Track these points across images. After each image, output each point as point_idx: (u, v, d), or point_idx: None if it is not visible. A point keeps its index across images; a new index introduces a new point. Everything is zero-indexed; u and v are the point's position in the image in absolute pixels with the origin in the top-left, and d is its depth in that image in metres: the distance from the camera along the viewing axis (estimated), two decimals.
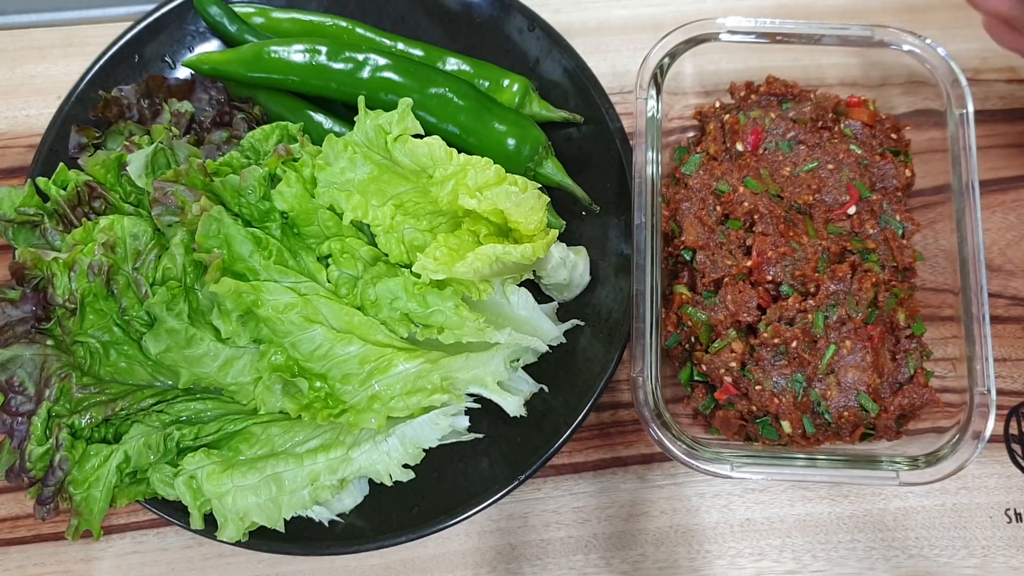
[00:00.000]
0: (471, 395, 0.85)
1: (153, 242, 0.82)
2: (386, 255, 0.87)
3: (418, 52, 0.98)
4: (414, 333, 0.85)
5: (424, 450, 0.84)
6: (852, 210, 0.89)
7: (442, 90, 0.91)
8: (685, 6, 1.10)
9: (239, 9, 1.00)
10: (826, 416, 0.83)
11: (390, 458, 0.82)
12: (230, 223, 0.81)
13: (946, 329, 0.87)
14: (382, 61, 0.92)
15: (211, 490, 0.80)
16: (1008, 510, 0.91)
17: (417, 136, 0.86)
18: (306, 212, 0.85)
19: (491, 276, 0.85)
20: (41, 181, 0.87)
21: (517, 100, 0.95)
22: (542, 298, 0.91)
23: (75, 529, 0.80)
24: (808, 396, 0.83)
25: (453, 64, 0.97)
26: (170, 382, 0.84)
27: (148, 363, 0.83)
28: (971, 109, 0.88)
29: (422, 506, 0.86)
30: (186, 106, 0.94)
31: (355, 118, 0.87)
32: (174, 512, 0.84)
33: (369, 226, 0.86)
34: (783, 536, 0.90)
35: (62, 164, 0.88)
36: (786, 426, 0.83)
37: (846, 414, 0.83)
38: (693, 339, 0.87)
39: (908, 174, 0.92)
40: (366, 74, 0.92)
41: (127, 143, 0.89)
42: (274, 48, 0.93)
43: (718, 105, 0.99)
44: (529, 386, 0.88)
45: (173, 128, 0.91)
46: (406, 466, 0.83)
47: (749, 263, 0.85)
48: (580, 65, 0.97)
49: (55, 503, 0.79)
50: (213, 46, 1.01)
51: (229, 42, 1.00)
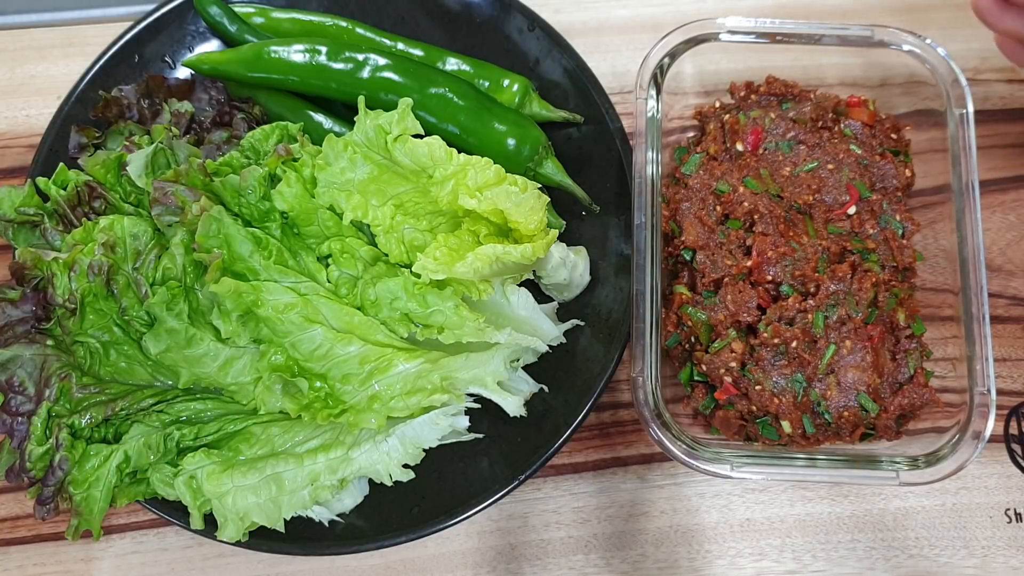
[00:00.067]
0: (471, 395, 0.85)
1: (153, 242, 0.82)
2: (386, 255, 0.87)
3: (418, 52, 0.98)
4: (414, 333, 0.85)
5: (424, 450, 0.84)
6: (852, 210, 0.89)
7: (442, 90, 0.91)
8: (685, 6, 1.10)
9: (239, 9, 1.00)
10: (826, 416, 0.83)
11: (390, 458, 0.82)
12: (230, 223, 0.81)
13: (946, 329, 0.87)
14: (382, 61, 0.92)
15: (211, 490, 0.80)
16: (1008, 510, 0.91)
17: (417, 136, 0.86)
18: (306, 212, 0.85)
19: (491, 276, 0.85)
20: (41, 181, 0.87)
21: (517, 100, 0.95)
22: (542, 298, 0.91)
23: (75, 529, 0.80)
24: (808, 396, 0.83)
25: (453, 64, 0.97)
26: (170, 382, 0.84)
27: (148, 363, 0.83)
28: (971, 109, 0.88)
29: (422, 506, 0.86)
30: (186, 106, 0.94)
31: (355, 118, 0.87)
32: (174, 512, 0.84)
33: (369, 226, 0.86)
34: (783, 536, 0.90)
35: (62, 164, 0.88)
36: (786, 426, 0.83)
37: (846, 414, 0.83)
38: (693, 339, 0.87)
39: (908, 174, 0.92)
40: (366, 74, 0.92)
41: (127, 143, 0.89)
42: (274, 48, 0.93)
43: (718, 105, 0.99)
44: (529, 386, 0.88)
45: (173, 128, 0.91)
46: (406, 466, 0.83)
47: (749, 263, 0.85)
48: (580, 65, 0.97)
49: (55, 503, 0.79)
50: (213, 46, 1.01)
51: (229, 42, 1.00)
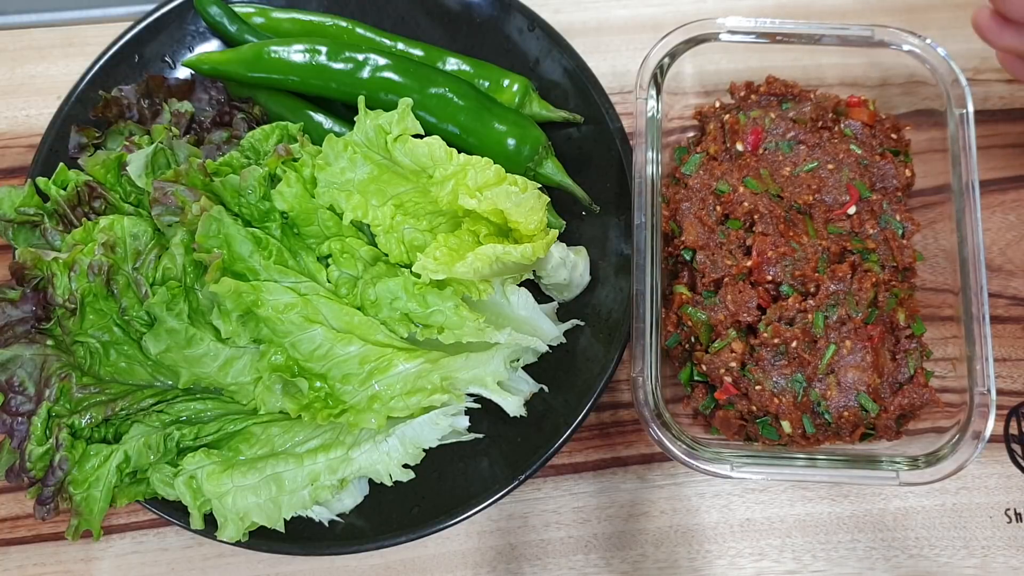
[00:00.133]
0: (471, 395, 0.85)
1: (153, 242, 0.82)
2: (386, 255, 0.87)
3: (418, 52, 0.98)
4: (414, 333, 0.85)
5: (424, 450, 0.84)
6: (852, 210, 0.89)
7: (442, 90, 0.91)
8: (685, 6, 1.10)
9: (239, 9, 1.00)
10: (826, 416, 0.83)
11: (390, 458, 0.82)
12: (230, 223, 0.81)
13: (946, 329, 0.87)
14: (382, 61, 0.92)
15: (211, 490, 0.80)
16: (1008, 510, 0.91)
17: (417, 136, 0.86)
18: (306, 212, 0.85)
19: (491, 276, 0.85)
20: (41, 181, 0.87)
21: (517, 100, 0.95)
22: (542, 298, 0.91)
23: (75, 529, 0.80)
24: (808, 396, 0.83)
25: (453, 64, 0.97)
26: (170, 382, 0.84)
27: (148, 363, 0.83)
28: (971, 109, 0.88)
29: (422, 506, 0.86)
30: (186, 106, 0.94)
31: (355, 118, 0.87)
32: (174, 512, 0.84)
33: (369, 226, 0.86)
34: (783, 536, 0.90)
35: (62, 164, 0.88)
36: (786, 426, 0.83)
37: (846, 414, 0.83)
38: (693, 339, 0.87)
39: (908, 174, 0.92)
40: (366, 74, 0.92)
41: (127, 143, 0.89)
42: (274, 48, 0.93)
43: (718, 105, 0.99)
44: (529, 386, 0.88)
45: (173, 128, 0.91)
46: (406, 466, 0.83)
47: (749, 263, 0.85)
48: (580, 65, 0.97)
49: (55, 503, 0.79)
50: (213, 46, 1.01)
51: (229, 42, 1.00)
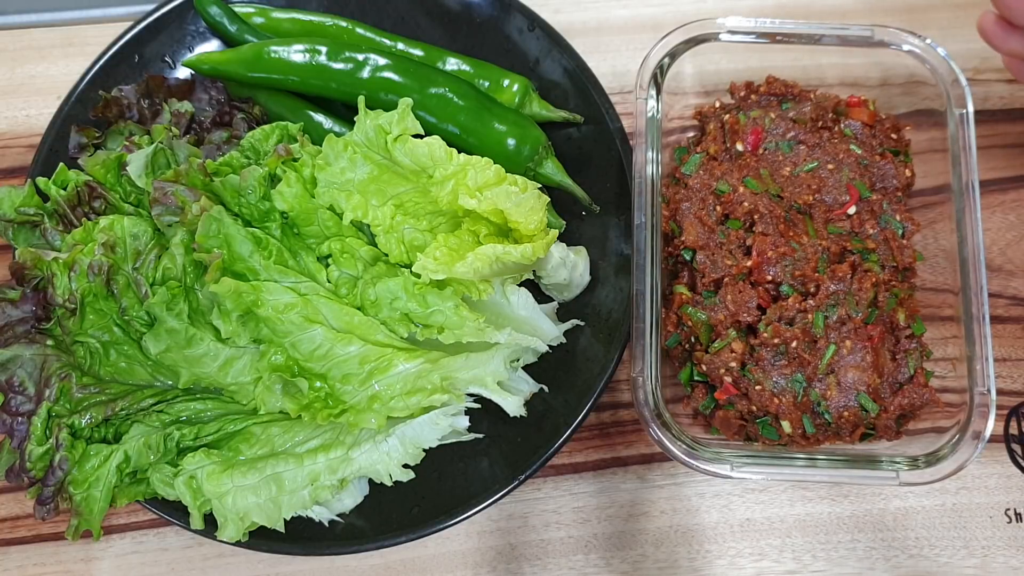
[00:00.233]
0: (471, 395, 0.85)
1: (153, 242, 0.82)
2: (386, 255, 0.87)
3: (418, 52, 0.98)
4: (414, 333, 0.85)
5: (424, 450, 0.84)
6: (852, 210, 0.89)
7: (442, 90, 0.91)
8: (685, 6, 1.10)
9: (239, 9, 1.00)
10: (826, 416, 0.83)
11: (390, 458, 0.82)
12: (230, 223, 0.81)
13: (946, 329, 0.87)
14: (382, 61, 0.92)
15: (211, 490, 0.80)
16: (1008, 510, 0.91)
17: (417, 136, 0.86)
18: (306, 212, 0.85)
19: (491, 276, 0.85)
20: (41, 181, 0.87)
21: (517, 100, 0.95)
22: (542, 298, 0.91)
23: (75, 529, 0.80)
24: (808, 396, 0.83)
25: (453, 64, 0.97)
26: (170, 382, 0.84)
27: (148, 363, 0.83)
28: (971, 109, 0.88)
29: (422, 506, 0.86)
30: (186, 106, 0.94)
31: (355, 118, 0.87)
32: (174, 512, 0.84)
33: (369, 226, 0.86)
34: (783, 536, 0.90)
35: (62, 164, 0.88)
36: (786, 426, 0.83)
37: (846, 414, 0.83)
38: (693, 339, 0.87)
39: (908, 174, 0.92)
40: (366, 74, 0.92)
41: (127, 143, 0.89)
42: (274, 48, 0.93)
43: (718, 105, 0.99)
44: (529, 386, 0.88)
45: (173, 128, 0.91)
46: (406, 466, 0.83)
47: (749, 263, 0.85)
48: (580, 65, 0.97)
49: (55, 503, 0.79)
50: (213, 46, 1.01)
51: (229, 42, 1.00)
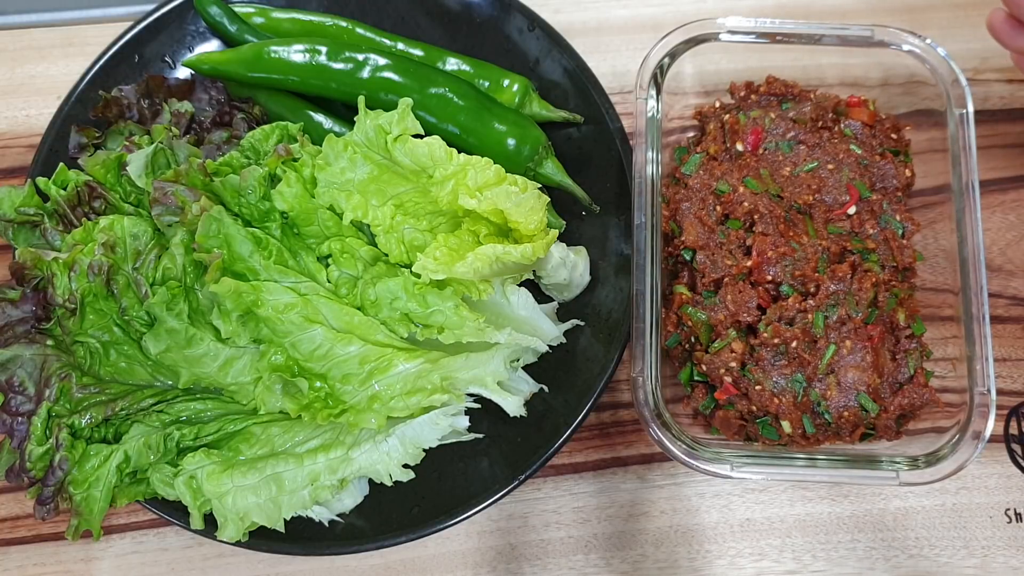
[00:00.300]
0: (471, 395, 0.85)
1: (153, 242, 0.82)
2: (386, 255, 0.87)
3: (418, 52, 0.98)
4: (414, 333, 0.85)
5: (424, 450, 0.84)
6: (852, 210, 0.89)
7: (442, 90, 0.91)
8: (685, 6, 1.10)
9: (239, 9, 1.00)
10: (826, 416, 0.83)
11: (390, 458, 0.82)
12: (230, 223, 0.81)
13: (946, 329, 0.87)
14: (382, 61, 0.92)
15: (211, 490, 0.80)
16: (1008, 510, 0.91)
17: (417, 136, 0.86)
18: (306, 212, 0.85)
19: (491, 276, 0.85)
20: (41, 181, 0.87)
21: (517, 100, 0.95)
22: (542, 298, 0.91)
23: (75, 529, 0.80)
24: (808, 396, 0.83)
25: (453, 64, 0.97)
26: (170, 382, 0.84)
27: (148, 363, 0.83)
28: (971, 109, 0.88)
29: (422, 506, 0.86)
30: (186, 106, 0.94)
31: (355, 118, 0.87)
32: (174, 512, 0.84)
33: (369, 226, 0.86)
34: (783, 536, 0.90)
35: (62, 164, 0.88)
36: (786, 426, 0.83)
37: (846, 414, 0.83)
38: (693, 339, 0.87)
39: (908, 174, 0.92)
40: (366, 74, 0.92)
41: (127, 143, 0.89)
42: (274, 48, 0.93)
43: (718, 105, 0.99)
44: (529, 386, 0.88)
45: (173, 128, 0.91)
46: (406, 466, 0.83)
47: (749, 263, 0.85)
48: (580, 65, 0.97)
49: (55, 503, 0.79)
50: (213, 46, 1.01)
51: (229, 42, 1.00)
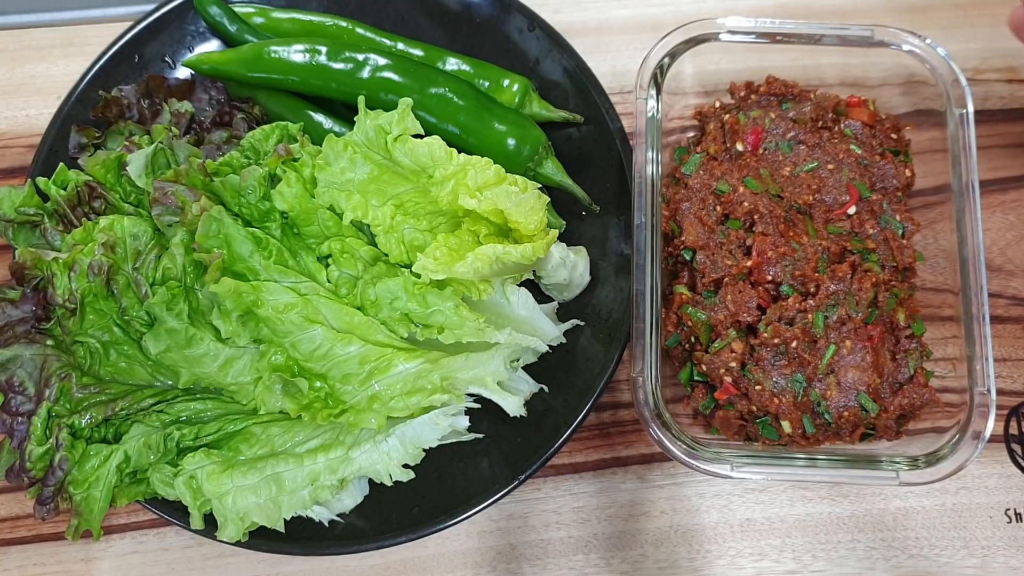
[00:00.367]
0: (471, 395, 0.85)
1: (153, 242, 0.82)
2: (386, 255, 0.87)
3: (418, 52, 0.98)
4: (414, 333, 0.85)
5: (424, 450, 0.84)
6: (852, 210, 0.89)
7: (442, 90, 0.91)
8: (685, 6, 1.10)
9: (239, 9, 1.00)
10: (826, 416, 0.83)
11: (390, 458, 0.82)
12: (230, 223, 0.81)
13: (946, 329, 0.87)
14: (382, 61, 0.92)
15: (211, 490, 0.80)
16: (1008, 510, 0.91)
17: (417, 136, 0.86)
18: (306, 212, 0.85)
19: (491, 276, 0.85)
20: (41, 181, 0.87)
21: (517, 100, 0.95)
22: (542, 298, 0.91)
23: (75, 529, 0.80)
24: (808, 396, 0.83)
25: (453, 64, 0.97)
26: (170, 382, 0.84)
27: (148, 363, 0.83)
28: (971, 109, 0.88)
29: (422, 506, 0.86)
30: (186, 106, 0.94)
31: (355, 118, 0.87)
32: (174, 512, 0.84)
33: (369, 226, 0.86)
34: (783, 536, 0.90)
35: (62, 164, 0.88)
36: (786, 426, 0.83)
37: (846, 414, 0.83)
38: (693, 339, 0.87)
39: (908, 174, 0.92)
40: (366, 74, 0.92)
41: (127, 143, 0.89)
42: (274, 48, 0.93)
43: (718, 105, 0.99)
44: (529, 386, 0.88)
45: (173, 128, 0.91)
46: (406, 466, 0.83)
47: (749, 263, 0.85)
48: (580, 65, 0.97)
49: (55, 503, 0.79)
50: (213, 46, 1.01)
51: (229, 42, 1.00)
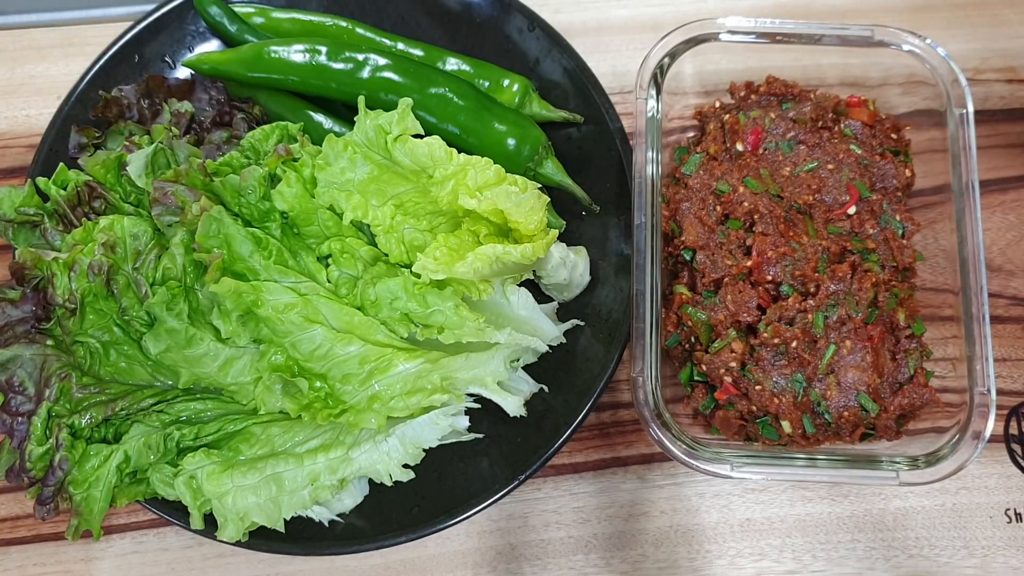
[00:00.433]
0: (471, 395, 0.85)
1: (153, 242, 0.82)
2: (386, 255, 0.87)
3: (418, 52, 0.98)
4: (414, 333, 0.85)
5: (424, 450, 0.84)
6: (852, 210, 0.89)
7: (442, 90, 0.91)
8: (685, 6, 1.10)
9: (239, 9, 1.00)
10: (826, 416, 0.83)
11: (390, 458, 0.82)
12: (230, 223, 0.81)
13: (946, 329, 0.87)
14: (382, 61, 0.92)
15: (211, 490, 0.80)
16: (1008, 510, 0.91)
17: (417, 136, 0.86)
18: (306, 212, 0.85)
19: (491, 276, 0.85)
20: (41, 181, 0.87)
21: (517, 100, 0.95)
22: (542, 298, 0.91)
23: (75, 529, 0.80)
24: (808, 396, 0.83)
25: (453, 64, 0.97)
26: (170, 382, 0.84)
27: (148, 363, 0.83)
28: (971, 109, 0.88)
29: (422, 506, 0.86)
30: (186, 106, 0.94)
31: (355, 118, 0.87)
32: (174, 512, 0.84)
33: (369, 226, 0.86)
34: (783, 536, 0.90)
35: (62, 164, 0.88)
36: (786, 426, 0.83)
37: (846, 414, 0.83)
38: (693, 339, 0.87)
39: (908, 174, 0.92)
40: (366, 74, 0.92)
41: (127, 143, 0.89)
42: (274, 48, 0.93)
43: (718, 105, 0.99)
44: (529, 386, 0.88)
45: (173, 128, 0.91)
46: (406, 466, 0.83)
47: (749, 263, 0.85)
48: (580, 65, 0.97)
49: (55, 503, 0.79)
50: (213, 46, 1.01)
51: (229, 42, 1.00)
